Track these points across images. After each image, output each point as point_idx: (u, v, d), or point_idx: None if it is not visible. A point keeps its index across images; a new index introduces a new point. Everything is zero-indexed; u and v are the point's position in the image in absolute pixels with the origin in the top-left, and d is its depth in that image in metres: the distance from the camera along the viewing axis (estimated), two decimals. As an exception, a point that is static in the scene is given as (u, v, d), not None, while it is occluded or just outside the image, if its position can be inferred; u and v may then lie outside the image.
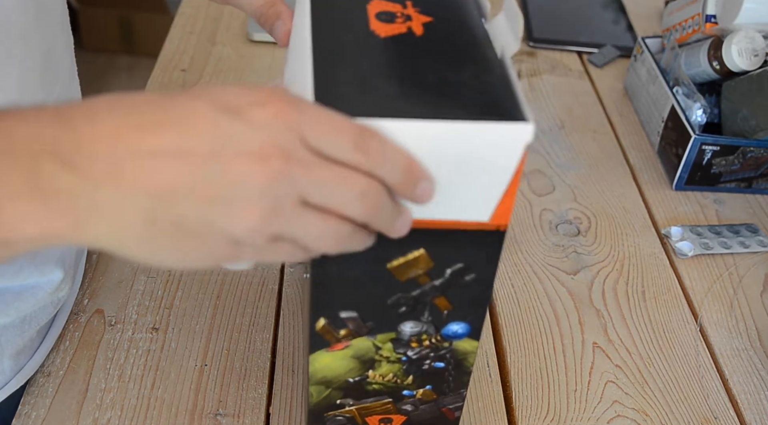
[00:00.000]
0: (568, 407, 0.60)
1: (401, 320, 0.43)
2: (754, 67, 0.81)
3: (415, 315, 0.43)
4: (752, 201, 0.83)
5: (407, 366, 0.46)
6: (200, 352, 0.60)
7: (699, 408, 0.61)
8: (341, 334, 0.43)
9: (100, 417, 0.55)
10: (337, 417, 0.49)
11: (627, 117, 0.94)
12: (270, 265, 0.68)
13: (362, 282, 0.41)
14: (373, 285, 0.41)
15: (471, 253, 0.41)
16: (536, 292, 0.69)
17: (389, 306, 0.42)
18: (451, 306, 0.43)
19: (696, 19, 0.88)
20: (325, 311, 0.42)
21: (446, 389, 0.49)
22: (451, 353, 0.46)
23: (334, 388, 0.47)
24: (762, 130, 0.78)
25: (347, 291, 0.41)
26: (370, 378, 0.47)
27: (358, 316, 0.43)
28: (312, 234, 0.34)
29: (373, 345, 0.44)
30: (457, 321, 0.44)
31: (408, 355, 0.46)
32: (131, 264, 0.67)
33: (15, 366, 0.55)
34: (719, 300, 0.71)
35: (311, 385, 0.47)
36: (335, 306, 0.42)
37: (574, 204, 0.80)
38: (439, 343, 0.45)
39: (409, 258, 0.40)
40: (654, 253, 0.75)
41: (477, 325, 0.45)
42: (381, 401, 0.49)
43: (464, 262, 0.41)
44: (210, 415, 0.56)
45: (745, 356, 0.66)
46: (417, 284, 0.42)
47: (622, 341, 0.66)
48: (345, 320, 0.43)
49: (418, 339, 0.45)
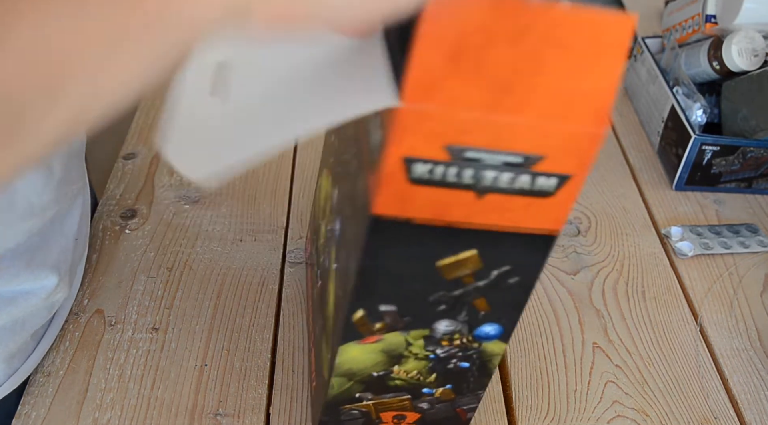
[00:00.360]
0: (568, 407, 0.60)
1: (438, 318, 0.43)
2: (754, 67, 0.81)
3: (453, 313, 0.43)
4: (752, 201, 0.83)
5: (433, 364, 0.46)
6: (200, 352, 0.60)
7: (699, 408, 0.61)
8: (376, 327, 0.43)
9: (100, 417, 0.55)
10: (353, 411, 0.49)
11: (627, 117, 0.94)
12: (270, 265, 0.68)
13: (408, 278, 0.41)
14: (418, 282, 0.41)
15: (521, 257, 0.40)
16: (536, 292, 0.69)
17: (429, 303, 0.42)
18: (489, 308, 0.43)
19: (696, 19, 0.88)
20: (366, 302, 0.42)
21: (465, 389, 0.49)
22: (479, 354, 0.46)
23: (356, 381, 0.47)
24: (762, 130, 0.78)
25: (392, 284, 0.41)
26: (394, 373, 0.46)
27: (397, 310, 0.42)
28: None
29: (405, 341, 0.44)
30: (491, 322, 0.44)
31: (436, 353, 0.45)
32: (131, 264, 0.67)
33: (8, 369, 0.55)
34: (719, 300, 0.71)
35: (334, 377, 0.46)
36: (377, 298, 0.42)
37: (574, 204, 0.80)
38: (469, 343, 0.45)
39: (460, 257, 0.40)
40: (654, 253, 0.75)
41: (509, 328, 0.45)
42: (399, 397, 0.48)
43: (512, 265, 0.41)
44: (210, 415, 0.56)
45: (745, 356, 0.66)
46: (461, 283, 0.41)
47: (622, 341, 0.66)
48: (383, 313, 0.42)
49: (450, 337, 0.44)
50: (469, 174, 0.36)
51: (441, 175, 0.36)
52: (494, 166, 0.36)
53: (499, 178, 0.37)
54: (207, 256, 0.68)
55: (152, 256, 0.68)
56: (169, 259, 0.68)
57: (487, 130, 0.35)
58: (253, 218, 0.73)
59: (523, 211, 0.38)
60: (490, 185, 0.37)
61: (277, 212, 0.74)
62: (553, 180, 0.37)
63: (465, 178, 0.37)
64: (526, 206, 0.38)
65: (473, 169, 0.36)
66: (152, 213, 0.72)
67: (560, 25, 0.32)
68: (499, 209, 0.38)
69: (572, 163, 0.37)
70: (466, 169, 0.36)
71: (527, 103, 0.34)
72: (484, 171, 0.36)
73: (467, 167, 0.36)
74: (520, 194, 0.38)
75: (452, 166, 0.36)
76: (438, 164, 0.36)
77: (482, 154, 0.36)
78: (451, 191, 0.37)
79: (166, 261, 0.68)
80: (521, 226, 0.39)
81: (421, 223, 0.38)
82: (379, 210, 0.37)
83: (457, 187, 0.37)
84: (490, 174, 0.37)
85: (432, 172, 0.36)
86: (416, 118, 0.34)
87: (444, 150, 0.35)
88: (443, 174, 0.36)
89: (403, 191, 0.37)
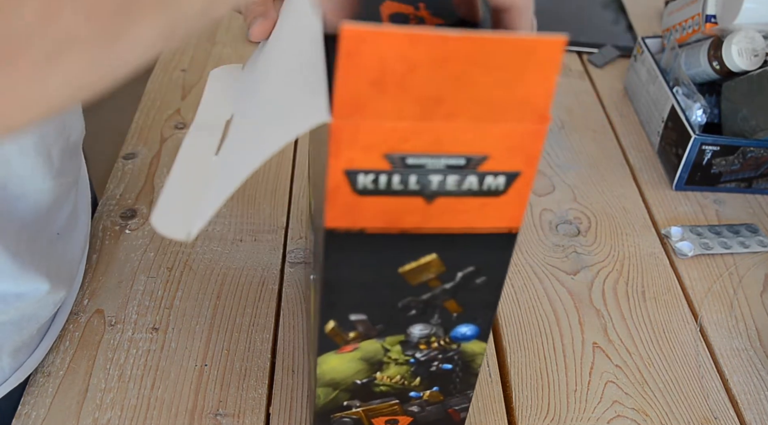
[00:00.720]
0: (568, 407, 0.60)
1: (411, 323, 0.43)
2: (754, 67, 0.81)
3: (425, 317, 0.43)
4: (752, 201, 0.83)
5: (415, 368, 0.46)
6: (200, 352, 0.60)
7: (699, 408, 0.61)
8: (350, 337, 0.44)
9: (100, 417, 0.55)
10: (344, 419, 0.49)
11: (627, 117, 0.94)
12: (270, 265, 0.68)
13: (373, 286, 0.41)
14: (384, 289, 0.41)
15: (482, 256, 0.41)
16: (536, 292, 0.69)
17: (399, 309, 0.43)
18: (460, 309, 0.43)
19: (696, 19, 0.88)
20: (335, 314, 0.42)
21: (453, 390, 0.49)
22: (459, 355, 0.46)
23: (341, 390, 0.47)
24: (762, 130, 0.78)
25: (358, 294, 0.41)
26: (377, 379, 0.47)
27: (368, 319, 0.43)
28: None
29: (381, 348, 0.45)
30: (466, 323, 0.44)
31: (416, 357, 0.46)
32: (131, 264, 0.67)
33: (14, 363, 0.56)
34: (719, 300, 0.71)
35: (318, 387, 0.47)
36: (345, 308, 0.42)
37: (574, 204, 0.80)
38: (447, 345, 0.45)
39: (421, 262, 0.40)
40: (654, 253, 0.75)
41: (485, 327, 0.45)
42: (388, 402, 0.49)
43: (475, 266, 0.41)
44: (210, 415, 0.56)
45: (745, 356, 0.66)
46: (428, 288, 0.42)
47: (622, 341, 0.66)
48: (354, 322, 0.43)
49: (426, 341, 0.45)
50: (413, 180, 0.37)
51: (386, 183, 0.37)
52: (438, 170, 0.37)
53: (445, 182, 0.37)
54: (207, 256, 0.68)
55: (152, 256, 0.68)
56: (169, 259, 0.68)
57: (424, 135, 0.35)
58: (253, 218, 0.73)
59: (476, 212, 0.39)
60: (437, 189, 0.37)
61: (277, 212, 0.74)
62: (501, 178, 0.38)
63: (411, 185, 0.37)
64: (480, 207, 0.38)
65: (417, 174, 0.37)
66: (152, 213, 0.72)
67: (483, 51, 0.33)
68: (451, 212, 0.38)
69: (518, 160, 0.37)
70: (410, 176, 0.37)
71: (460, 110, 0.35)
72: (428, 176, 0.37)
73: (411, 174, 0.37)
74: (470, 195, 0.38)
75: (395, 174, 0.36)
76: (381, 173, 0.36)
77: (423, 160, 0.36)
78: (400, 198, 0.37)
79: (166, 261, 0.68)
80: (478, 227, 0.39)
81: (375, 232, 0.39)
82: (331, 223, 0.38)
83: (405, 194, 0.37)
84: (435, 178, 0.37)
85: (376, 182, 0.37)
86: (350, 131, 0.35)
87: (384, 159, 0.36)
88: (388, 182, 0.37)
89: (351, 203, 0.37)
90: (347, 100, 0.34)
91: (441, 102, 0.34)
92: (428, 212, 0.38)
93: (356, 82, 0.33)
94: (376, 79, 0.33)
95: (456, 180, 0.37)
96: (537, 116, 0.36)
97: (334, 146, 0.35)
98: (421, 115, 0.35)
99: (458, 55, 0.33)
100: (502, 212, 0.39)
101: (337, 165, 0.36)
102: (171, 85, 0.90)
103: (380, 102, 0.34)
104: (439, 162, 0.37)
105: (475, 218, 0.39)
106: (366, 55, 0.32)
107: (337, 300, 0.42)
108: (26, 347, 0.56)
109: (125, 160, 0.78)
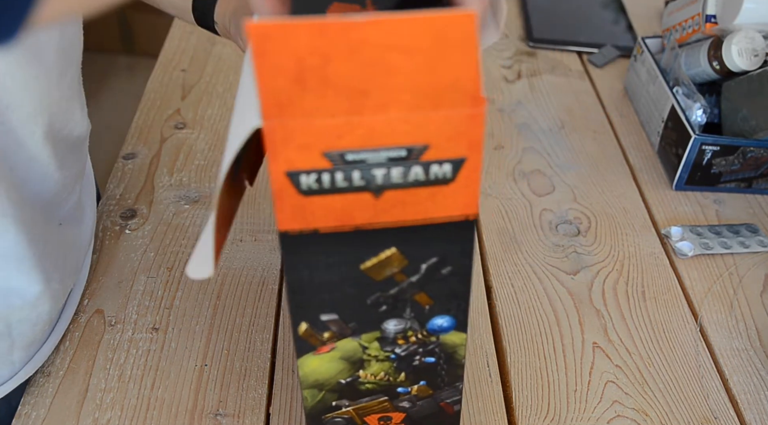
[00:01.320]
0: (568, 407, 0.60)
1: (383, 318, 0.43)
2: (754, 67, 0.81)
3: (397, 312, 0.43)
4: (752, 201, 0.83)
5: (398, 364, 0.46)
6: (200, 352, 0.60)
7: (699, 408, 0.61)
8: (325, 337, 0.44)
9: (100, 417, 0.55)
10: (336, 419, 0.49)
11: (627, 117, 0.94)
12: (270, 265, 0.68)
13: (338, 285, 0.41)
14: (350, 287, 0.41)
15: (444, 246, 0.40)
16: (536, 292, 0.69)
17: (369, 305, 0.42)
18: (432, 301, 0.43)
19: (696, 19, 0.88)
20: (304, 315, 0.42)
21: (441, 383, 0.49)
22: (440, 347, 0.46)
23: (327, 391, 0.47)
24: (762, 130, 0.78)
25: (324, 294, 0.41)
26: (361, 378, 0.47)
27: (339, 318, 0.43)
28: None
29: (359, 345, 0.45)
30: (440, 315, 0.44)
31: (396, 353, 0.46)
32: (131, 264, 0.67)
33: (25, 357, 0.56)
34: (719, 300, 0.71)
35: (304, 389, 0.47)
36: (314, 309, 0.42)
37: (574, 204, 0.80)
38: (426, 338, 0.45)
39: (382, 257, 0.40)
40: (654, 253, 0.75)
41: (462, 318, 0.45)
42: (377, 400, 0.49)
43: (438, 256, 0.41)
44: (210, 415, 0.56)
45: (745, 356, 0.66)
46: (394, 282, 0.41)
47: (622, 341, 0.66)
48: (326, 323, 0.43)
49: (404, 336, 0.45)
50: (357, 176, 0.37)
51: (329, 182, 0.36)
52: (380, 163, 0.36)
53: (389, 175, 0.37)
54: (207, 256, 0.68)
55: (152, 256, 0.68)
56: (169, 259, 0.68)
57: (358, 130, 0.35)
58: (253, 218, 0.73)
59: (428, 202, 0.38)
60: (383, 183, 0.37)
61: (277, 212, 0.74)
62: (447, 166, 0.37)
63: (356, 181, 0.37)
64: (430, 196, 0.38)
65: (360, 170, 0.36)
66: (152, 213, 0.72)
67: (395, 33, 0.33)
68: (402, 204, 0.38)
69: (461, 145, 0.37)
70: (353, 172, 0.36)
71: (389, 101, 0.34)
72: (371, 170, 0.36)
73: (353, 170, 0.36)
74: (418, 186, 0.37)
75: (337, 171, 0.36)
76: (323, 172, 0.36)
77: (363, 155, 0.36)
78: (347, 195, 0.37)
79: (166, 261, 0.68)
80: (432, 216, 0.39)
81: (329, 232, 0.38)
82: (283, 226, 0.38)
83: (352, 191, 0.37)
84: (378, 172, 0.37)
85: (320, 181, 0.36)
86: (283, 132, 0.34)
87: (324, 157, 0.36)
88: (331, 181, 0.36)
89: (300, 204, 0.37)
90: (272, 100, 0.33)
91: (367, 94, 0.34)
92: (378, 206, 0.38)
93: (276, 80, 0.33)
94: (295, 75, 0.33)
95: (401, 172, 0.37)
96: (470, 99, 0.35)
97: (271, 148, 0.35)
98: (351, 110, 0.34)
99: (370, 40, 0.32)
100: (455, 200, 0.38)
101: (277, 167, 0.36)
102: (171, 85, 0.90)
103: (306, 99, 0.34)
104: (380, 155, 0.36)
105: (427, 209, 0.39)
106: (279, 52, 0.32)
107: (303, 302, 0.42)
108: (38, 341, 0.57)
109: (125, 160, 0.78)
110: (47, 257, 0.55)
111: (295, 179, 0.36)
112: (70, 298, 0.61)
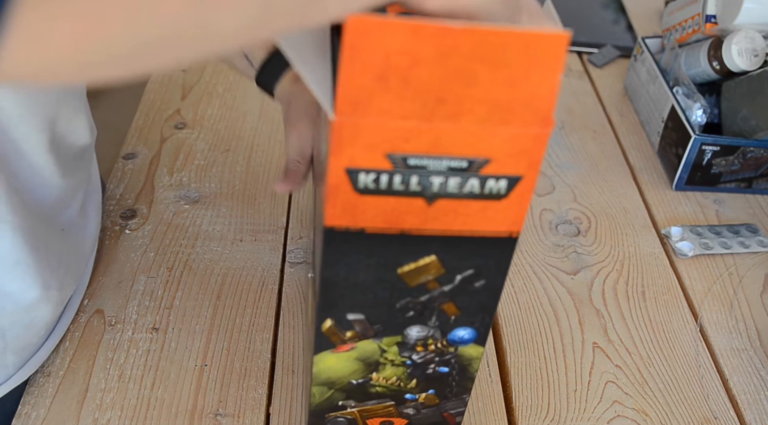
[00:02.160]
0: (568, 407, 0.60)
1: (408, 324, 0.43)
2: (754, 67, 0.81)
3: (423, 319, 0.43)
4: (752, 201, 0.83)
5: (411, 370, 0.46)
6: (200, 352, 0.60)
7: (699, 408, 0.61)
8: (347, 336, 0.44)
9: (100, 417, 0.55)
10: (338, 419, 0.49)
11: (627, 117, 0.94)
12: (270, 265, 0.68)
13: (371, 286, 0.41)
14: (383, 289, 0.41)
15: (482, 260, 0.41)
16: (536, 292, 0.69)
17: (397, 310, 0.42)
18: (458, 312, 0.43)
19: (696, 19, 0.88)
20: (332, 312, 0.42)
21: (449, 394, 0.49)
22: (456, 358, 0.46)
23: (336, 389, 0.47)
24: (762, 130, 0.78)
25: (356, 293, 0.41)
26: (373, 380, 0.47)
27: (366, 319, 0.43)
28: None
29: (378, 348, 0.45)
30: (464, 326, 0.44)
31: (413, 359, 0.46)
32: (131, 264, 0.67)
33: (18, 361, 0.56)
34: (719, 300, 0.71)
35: (314, 386, 0.47)
36: (343, 308, 0.42)
37: (574, 204, 0.80)
38: (444, 348, 0.45)
39: (420, 264, 0.40)
40: (654, 253, 0.75)
41: (483, 332, 0.45)
42: (383, 404, 0.49)
43: (475, 269, 0.41)
44: (210, 415, 0.56)
45: (745, 356, 0.66)
46: (426, 289, 0.42)
47: (622, 341, 0.66)
48: (352, 322, 0.43)
49: (423, 343, 0.45)
50: (415, 181, 0.37)
51: (387, 183, 0.37)
52: (439, 171, 0.37)
53: (447, 184, 0.37)
54: (207, 256, 0.68)
55: (152, 256, 0.68)
56: (169, 259, 0.68)
57: (426, 136, 0.35)
58: (253, 218, 0.73)
59: (477, 215, 0.39)
60: (438, 191, 0.37)
61: (277, 212, 0.74)
62: (503, 182, 0.37)
63: (412, 185, 0.37)
64: (480, 210, 0.38)
65: (418, 175, 0.37)
66: (152, 213, 0.72)
67: (487, 44, 0.32)
68: (452, 214, 0.38)
69: (521, 164, 0.37)
70: (412, 176, 0.37)
71: (462, 111, 0.35)
72: (430, 177, 0.37)
73: (412, 174, 0.36)
74: (471, 198, 0.38)
75: (396, 174, 0.36)
76: (382, 173, 0.36)
77: (425, 161, 0.36)
78: (401, 199, 0.37)
79: (166, 261, 0.68)
80: (478, 230, 0.39)
81: (375, 232, 0.38)
82: (331, 221, 0.38)
83: (406, 195, 0.37)
84: (436, 180, 0.37)
85: (377, 182, 0.36)
86: (352, 129, 0.34)
87: (386, 159, 0.36)
88: (389, 182, 0.37)
89: (352, 202, 0.37)
90: (351, 96, 0.33)
91: (443, 101, 0.34)
92: (429, 213, 0.38)
93: (361, 77, 0.33)
94: (379, 73, 0.33)
95: (458, 182, 0.37)
96: (541, 119, 0.35)
97: (336, 144, 0.35)
98: (424, 115, 0.34)
99: (461, 48, 0.32)
100: (503, 216, 0.39)
101: (338, 163, 0.36)
102: (171, 85, 0.90)
103: (384, 99, 0.34)
104: (441, 163, 0.36)
105: (475, 221, 0.39)
106: (371, 48, 0.32)
107: (334, 299, 0.42)
108: (32, 345, 0.56)
109: (125, 160, 0.78)
110: (47, 263, 0.55)
111: (353, 176, 0.36)
112: (70, 303, 0.61)
